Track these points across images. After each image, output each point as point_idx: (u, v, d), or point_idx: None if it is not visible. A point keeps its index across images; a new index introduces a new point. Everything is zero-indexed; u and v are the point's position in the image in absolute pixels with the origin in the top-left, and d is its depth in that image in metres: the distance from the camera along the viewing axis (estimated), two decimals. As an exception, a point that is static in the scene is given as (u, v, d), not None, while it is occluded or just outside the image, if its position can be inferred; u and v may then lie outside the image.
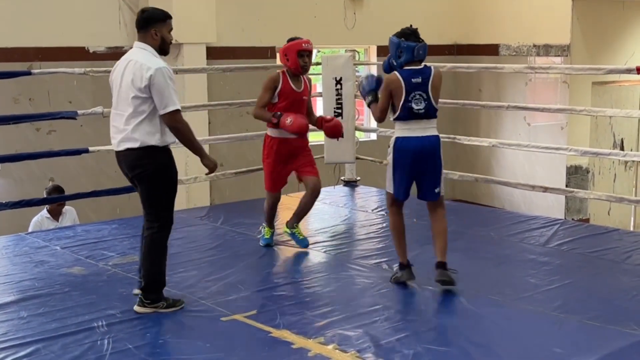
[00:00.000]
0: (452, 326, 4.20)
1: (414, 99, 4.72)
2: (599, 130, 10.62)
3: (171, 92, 4.20)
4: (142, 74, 4.16)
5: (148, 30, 4.29)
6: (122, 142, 4.31)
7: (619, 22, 10.59)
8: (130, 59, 4.30)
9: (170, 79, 4.21)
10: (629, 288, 4.81)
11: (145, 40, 4.30)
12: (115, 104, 4.38)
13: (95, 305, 4.51)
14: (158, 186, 4.37)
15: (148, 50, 4.28)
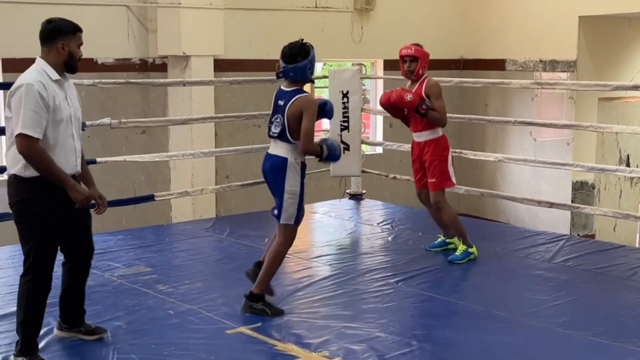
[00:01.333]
0: (458, 341, 4.19)
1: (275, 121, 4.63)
2: (605, 146, 10.61)
3: (26, 112, 3.62)
4: (10, 92, 3.72)
5: (54, 44, 3.81)
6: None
7: (625, 39, 10.60)
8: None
9: (31, 98, 3.64)
10: (634, 305, 4.81)
11: (48, 55, 3.82)
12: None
13: (100, 315, 4.51)
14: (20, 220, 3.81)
15: (40, 64, 3.80)
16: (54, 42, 3.82)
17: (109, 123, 6.43)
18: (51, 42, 3.83)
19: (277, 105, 4.64)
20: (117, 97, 8.51)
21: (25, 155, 3.67)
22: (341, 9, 10.24)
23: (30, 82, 3.67)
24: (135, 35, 8.73)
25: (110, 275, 5.39)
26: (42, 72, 3.77)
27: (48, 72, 3.78)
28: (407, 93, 5.56)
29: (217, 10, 8.79)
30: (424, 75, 5.74)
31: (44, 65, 3.80)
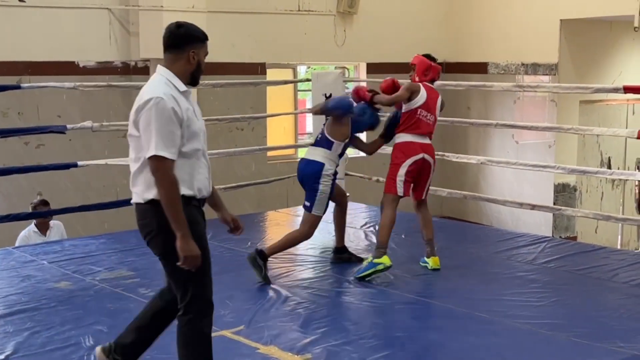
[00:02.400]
0: (440, 343, 4.20)
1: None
2: (587, 149, 10.69)
3: (158, 130, 3.19)
4: (138, 107, 3.26)
5: (184, 52, 3.34)
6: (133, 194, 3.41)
7: (606, 42, 10.69)
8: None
9: (163, 113, 3.20)
10: (615, 306, 4.84)
11: (174, 64, 3.35)
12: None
13: (82, 320, 4.49)
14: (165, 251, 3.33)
15: (164, 75, 3.34)
16: (184, 50, 3.34)
17: (91, 126, 6.40)
18: (181, 50, 3.34)
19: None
20: (99, 100, 8.47)
21: (156, 180, 3.20)
22: (324, 12, 10.25)
23: (159, 96, 3.21)
24: (117, 38, 8.70)
25: (92, 279, 5.36)
26: (169, 83, 3.30)
27: (175, 84, 3.31)
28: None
29: (200, 13, 8.77)
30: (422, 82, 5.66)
31: (169, 75, 3.32)
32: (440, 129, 11.49)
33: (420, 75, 5.65)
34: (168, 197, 3.21)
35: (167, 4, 8.48)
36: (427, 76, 5.65)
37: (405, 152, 5.48)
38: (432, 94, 5.63)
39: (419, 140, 5.50)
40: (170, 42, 3.37)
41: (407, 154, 5.47)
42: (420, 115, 5.51)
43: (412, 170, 5.47)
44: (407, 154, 5.47)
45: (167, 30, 3.39)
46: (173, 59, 3.36)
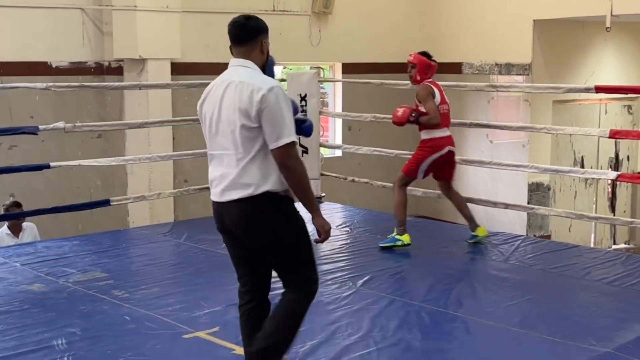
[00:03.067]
0: (414, 341, 4.21)
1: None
2: (560, 148, 10.78)
3: (286, 116, 3.24)
4: (255, 96, 3.22)
5: (257, 42, 3.39)
6: (230, 190, 3.32)
7: (579, 42, 10.79)
8: (233, 79, 3.33)
9: (285, 100, 3.28)
10: (587, 304, 4.88)
11: (250, 55, 3.38)
12: (211, 140, 3.40)
13: (55, 322, 4.45)
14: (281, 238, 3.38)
15: (252, 67, 3.36)
16: (257, 41, 3.40)
17: (63, 127, 6.34)
18: (254, 41, 3.39)
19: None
20: (72, 101, 8.41)
21: (290, 167, 3.23)
22: (299, 13, 10.25)
23: (277, 84, 3.28)
24: (91, 38, 8.63)
25: (65, 281, 5.32)
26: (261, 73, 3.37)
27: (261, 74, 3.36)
28: (398, 110, 6.16)
29: (174, 13, 8.74)
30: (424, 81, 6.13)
31: (254, 66, 3.37)
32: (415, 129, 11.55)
33: (422, 74, 6.10)
34: (304, 179, 3.29)
35: (141, 3, 8.43)
36: (427, 74, 6.12)
37: (432, 146, 6.11)
38: (439, 87, 6.17)
39: (444, 134, 6.14)
40: (243, 34, 3.39)
41: (434, 149, 6.11)
42: (443, 110, 6.09)
43: (437, 162, 6.14)
44: (435, 149, 6.10)
45: (236, 23, 3.42)
46: (248, 50, 3.38)
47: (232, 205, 3.32)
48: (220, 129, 3.33)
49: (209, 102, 3.40)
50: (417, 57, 6.17)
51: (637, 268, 5.62)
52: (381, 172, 10.05)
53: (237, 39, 3.41)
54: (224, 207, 3.36)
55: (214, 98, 3.37)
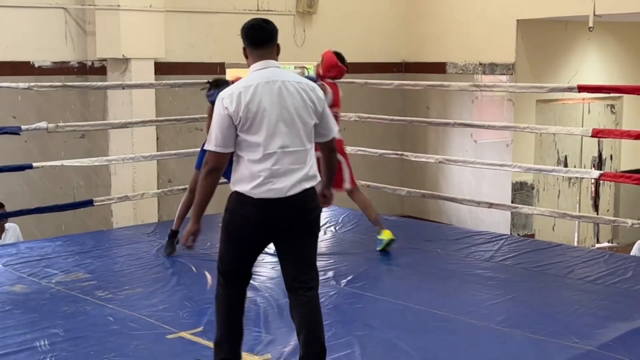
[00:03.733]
0: (398, 340, 4.22)
1: None
2: (544, 147, 10.83)
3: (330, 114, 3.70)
4: (317, 94, 3.55)
5: (273, 46, 3.60)
6: (301, 183, 3.47)
7: (562, 42, 10.85)
8: (280, 79, 3.49)
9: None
10: (571, 302, 4.91)
11: (273, 57, 3.58)
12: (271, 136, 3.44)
13: (37, 323, 4.42)
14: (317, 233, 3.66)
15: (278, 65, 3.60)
16: (275, 43, 3.62)
17: (46, 127, 6.31)
18: (274, 43, 3.60)
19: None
20: (55, 101, 8.35)
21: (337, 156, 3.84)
22: (283, 12, 10.23)
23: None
24: (74, 38, 8.58)
25: (47, 282, 5.28)
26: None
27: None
28: None
29: (158, 12, 8.70)
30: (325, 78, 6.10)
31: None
32: (400, 128, 11.62)
33: (325, 71, 6.01)
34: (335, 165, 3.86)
35: (124, 3, 8.39)
36: (331, 73, 6.02)
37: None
38: (337, 90, 6.00)
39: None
40: (267, 36, 3.57)
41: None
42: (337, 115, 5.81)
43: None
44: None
45: (258, 26, 3.60)
46: (272, 51, 3.59)
47: (303, 195, 3.47)
48: (285, 127, 3.44)
49: (261, 101, 3.43)
50: (327, 53, 6.14)
51: (620, 266, 5.66)
52: (365, 172, 10.05)
53: (263, 41, 3.57)
54: (289, 200, 3.44)
55: (270, 97, 3.44)
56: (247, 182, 3.45)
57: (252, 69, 3.56)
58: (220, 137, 3.43)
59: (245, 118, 3.41)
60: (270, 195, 3.41)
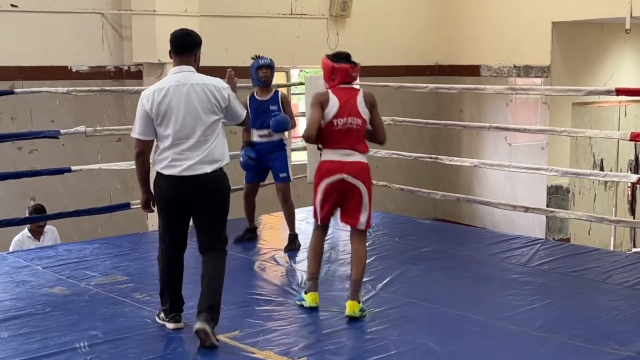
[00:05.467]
0: (434, 345, 4.20)
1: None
2: (579, 151, 10.72)
3: (238, 104, 4.46)
4: (222, 94, 4.27)
5: (191, 54, 4.30)
6: (200, 165, 4.19)
7: (598, 44, 10.73)
8: (189, 82, 4.21)
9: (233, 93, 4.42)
10: (609, 307, 4.85)
11: (189, 63, 4.28)
12: (178, 131, 4.16)
13: (77, 325, 4.48)
14: (227, 206, 4.41)
15: (196, 72, 4.30)
16: (192, 53, 4.31)
17: (84, 131, 6.39)
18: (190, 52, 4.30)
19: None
20: (92, 105, 8.47)
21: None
22: (317, 16, 10.27)
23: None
24: (110, 42, 8.69)
25: (86, 284, 5.35)
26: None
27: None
28: None
29: (193, 17, 8.78)
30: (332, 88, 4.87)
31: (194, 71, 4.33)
32: (434, 132, 11.57)
33: (328, 79, 4.85)
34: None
35: (160, 8, 8.49)
36: (334, 80, 4.81)
37: (319, 173, 4.76)
38: (347, 96, 4.76)
39: (334, 158, 4.72)
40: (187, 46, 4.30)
41: (321, 175, 4.74)
42: (338, 125, 4.69)
43: (327, 194, 4.74)
44: (322, 175, 4.74)
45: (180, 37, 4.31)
46: (189, 59, 4.30)
47: (204, 176, 4.21)
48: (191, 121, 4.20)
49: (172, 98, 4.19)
50: (323, 60, 4.89)
51: (659, 272, 5.58)
52: (399, 175, 10.06)
53: (183, 50, 4.29)
54: (191, 179, 4.20)
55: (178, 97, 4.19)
56: (160, 163, 4.25)
57: (170, 72, 4.31)
58: (141, 128, 4.25)
59: (156, 115, 4.19)
60: (174, 173, 4.20)
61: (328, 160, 4.73)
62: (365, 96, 4.80)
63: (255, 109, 6.32)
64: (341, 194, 4.71)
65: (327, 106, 4.71)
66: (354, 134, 4.72)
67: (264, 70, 6.36)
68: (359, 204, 4.73)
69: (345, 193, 4.71)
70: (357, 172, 4.70)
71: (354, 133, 4.72)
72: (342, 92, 4.77)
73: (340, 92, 4.76)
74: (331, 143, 4.73)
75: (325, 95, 4.75)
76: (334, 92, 4.76)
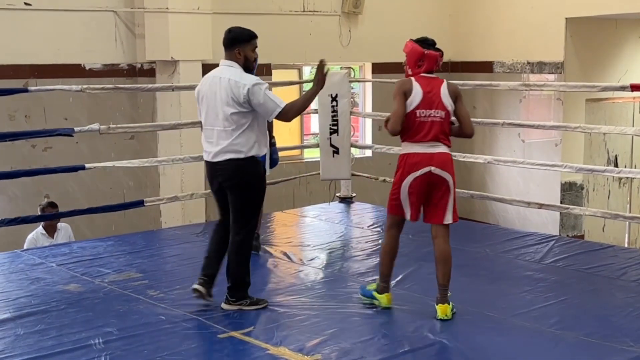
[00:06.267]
0: (449, 342, 4.20)
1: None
2: (593, 147, 10.66)
3: (270, 99, 4.53)
4: (240, 90, 4.48)
5: (232, 49, 4.63)
6: (222, 153, 4.59)
7: (611, 40, 10.66)
8: (220, 76, 4.60)
9: (266, 88, 4.54)
10: (624, 304, 4.83)
11: (230, 58, 4.64)
12: (205, 118, 4.70)
13: (91, 322, 4.50)
14: (251, 194, 4.67)
15: (235, 67, 4.61)
16: (233, 49, 4.66)
17: (98, 129, 6.41)
18: (230, 49, 4.67)
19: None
20: (105, 102, 8.49)
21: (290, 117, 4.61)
22: (329, 13, 10.25)
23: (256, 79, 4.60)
24: (123, 40, 8.71)
25: (100, 281, 5.37)
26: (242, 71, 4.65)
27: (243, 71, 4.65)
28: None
29: (205, 14, 8.80)
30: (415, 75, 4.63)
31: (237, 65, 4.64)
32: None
33: (413, 66, 4.62)
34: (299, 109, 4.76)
35: (173, 5, 8.50)
36: (420, 67, 4.60)
37: (400, 164, 4.63)
38: (431, 86, 4.57)
39: (419, 150, 4.56)
40: (227, 42, 4.70)
41: (400, 166, 4.62)
42: (420, 117, 4.53)
43: (414, 188, 4.56)
44: (400, 166, 4.62)
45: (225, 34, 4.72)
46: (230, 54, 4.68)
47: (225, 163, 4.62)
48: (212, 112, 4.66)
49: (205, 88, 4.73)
50: (408, 44, 4.66)
51: (674, 268, 5.55)
52: (412, 172, 10.01)
53: (225, 46, 4.71)
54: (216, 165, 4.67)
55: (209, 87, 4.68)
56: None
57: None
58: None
59: (196, 100, 4.77)
60: (205, 158, 4.75)
61: (412, 152, 4.54)
62: (449, 86, 4.63)
63: None
64: (427, 187, 4.55)
65: (409, 95, 4.52)
66: (437, 126, 4.54)
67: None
68: (445, 197, 4.58)
69: (432, 186, 4.55)
70: (444, 164, 4.56)
71: (437, 125, 4.54)
72: (425, 82, 4.56)
73: (423, 82, 4.56)
74: (415, 135, 4.54)
75: (409, 84, 4.54)
76: (417, 81, 4.55)
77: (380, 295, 4.71)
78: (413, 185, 4.54)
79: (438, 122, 4.56)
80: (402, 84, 4.57)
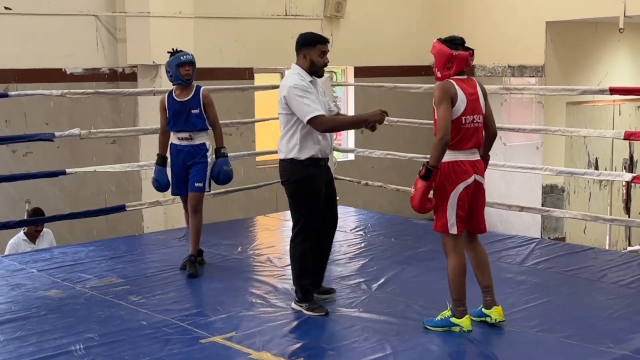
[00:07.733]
0: (431, 345, 4.21)
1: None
2: (574, 150, 10.74)
3: (303, 104, 4.54)
4: (281, 93, 4.65)
5: (299, 53, 4.74)
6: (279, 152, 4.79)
7: (592, 44, 10.76)
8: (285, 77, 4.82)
9: (302, 93, 4.55)
10: (604, 306, 4.86)
11: (297, 62, 4.75)
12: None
13: (72, 328, 4.48)
14: (294, 195, 4.70)
15: (295, 70, 4.72)
16: (299, 52, 4.74)
17: (79, 134, 6.38)
18: (297, 52, 4.75)
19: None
20: (87, 107, 8.46)
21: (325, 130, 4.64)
22: (311, 17, 10.27)
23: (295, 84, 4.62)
24: (104, 44, 8.68)
25: (82, 287, 5.34)
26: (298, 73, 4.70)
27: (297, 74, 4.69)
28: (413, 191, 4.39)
29: (187, 19, 8.78)
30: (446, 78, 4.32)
31: (297, 69, 4.74)
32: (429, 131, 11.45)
33: (442, 69, 4.31)
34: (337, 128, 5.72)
35: (154, 9, 8.48)
36: (450, 69, 4.29)
37: (448, 173, 4.27)
38: (471, 91, 4.30)
39: (468, 158, 4.30)
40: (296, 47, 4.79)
41: (449, 175, 4.27)
42: (466, 123, 4.25)
43: (464, 199, 4.29)
44: (449, 175, 4.27)
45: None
46: (297, 58, 4.77)
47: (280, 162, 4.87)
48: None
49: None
50: (436, 45, 4.40)
51: (654, 270, 5.60)
52: (394, 176, 10.05)
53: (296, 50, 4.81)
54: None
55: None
56: None
57: None
58: None
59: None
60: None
61: (459, 160, 4.25)
62: (482, 88, 4.40)
63: (175, 111, 5.73)
64: (471, 197, 4.32)
65: (456, 101, 4.20)
66: (479, 132, 4.31)
67: (187, 67, 5.78)
68: (484, 205, 4.45)
69: (475, 195, 4.34)
70: (482, 171, 4.39)
71: (480, 131, 4.32)
72: (464, 85, 4.26)
73: (463, 85, 4.26)
74: (459, 143, 4.23)
75: (454, 89, 4.20)
76: (458, 85, 4.24)
77: (461, 320, 4.36)
78: (464, 195, 4.27)
79: (480, 128, 4.34)
80: (447, 89, 4.21)
